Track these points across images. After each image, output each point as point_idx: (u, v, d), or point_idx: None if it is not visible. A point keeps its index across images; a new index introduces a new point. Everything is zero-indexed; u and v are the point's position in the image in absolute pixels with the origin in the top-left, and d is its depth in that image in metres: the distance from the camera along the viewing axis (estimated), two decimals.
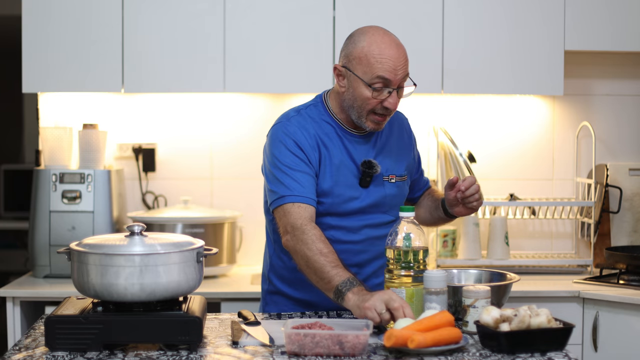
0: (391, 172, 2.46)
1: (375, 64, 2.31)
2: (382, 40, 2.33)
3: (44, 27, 3.37)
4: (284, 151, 2.36)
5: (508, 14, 3.46)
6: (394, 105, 2.35)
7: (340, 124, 2.43)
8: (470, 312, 2.11)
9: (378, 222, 2.45)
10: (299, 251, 2.27)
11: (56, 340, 1.96)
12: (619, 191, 3.59)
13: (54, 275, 3.31)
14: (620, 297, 3.04)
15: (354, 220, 2.43)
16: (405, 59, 2.35)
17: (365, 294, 2.12)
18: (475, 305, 2.11)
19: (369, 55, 2.31)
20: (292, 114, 2.44)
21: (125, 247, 2.00)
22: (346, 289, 2.15)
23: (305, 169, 2.36)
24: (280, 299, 2.54)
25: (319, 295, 2.34)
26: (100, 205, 3.33)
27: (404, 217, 2.18)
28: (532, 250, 3.78)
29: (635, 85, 3.81)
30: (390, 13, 3.43)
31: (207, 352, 1.98)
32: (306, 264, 2.25)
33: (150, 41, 3.39)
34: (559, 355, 1.95)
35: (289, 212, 2.31)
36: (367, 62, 2.31)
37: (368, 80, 2.31)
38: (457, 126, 3.72)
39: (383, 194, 2.44)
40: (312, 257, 2.23)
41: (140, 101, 3.69)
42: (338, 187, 2.40)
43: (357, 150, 2.43)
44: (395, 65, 2.31)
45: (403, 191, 2.52)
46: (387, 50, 2.31)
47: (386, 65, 2.30)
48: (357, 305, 2.11)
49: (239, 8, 3.40)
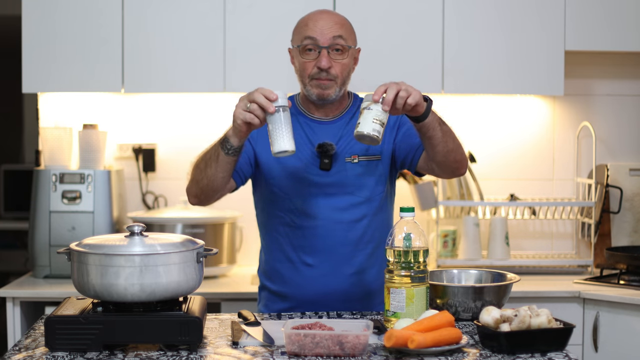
0: (354, 152, 2.46)
1: (303, 26, 2.46)
2: (314, 12, 2.49)
3: (44, 27, 3.37)
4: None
5: (508, 14, 3.46)
6: (325, 64, 2.41)
7: (304, 112, 2.52)
8: (364, 113, 2.14)
9: (343, 204, 2.46)
10: (192, 173, 2.41)
11: (56, 340, 1.96)
12: (619, 191, 3.59)
13: (54, 276, 3.31)
14: (620, 298, 3.04)
15: (315, 204, 2.45)
16: (335, 22, 2.45)
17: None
18: (370, 107, 2.13)
19: (300, 23, 2.49)
20: None
21: (125, 247, 1.99)
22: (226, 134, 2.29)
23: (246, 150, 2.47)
24: (265, 293, 2.58)
25: (291, 286, 2.46)
26: (100, 205, 3.33)
27: (404, 217, 2.18)
28: (532, 251, 3.77)
29: (635, 85, 3.81)
30: (390, 13, 3.43)
31: (207, 352, 1.98)
32: (197, 163, 2.39)
33: (150, 41, 3.39)
34: (559, 356, 1.95)
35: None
36: (297, 30, 2.49)
37: (299, 43, 2.45)
38: (457, 126, 3.69)
39: (345, 174, 2.46)
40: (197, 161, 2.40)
41: (140, 101, 3.69)
42: (293, 169, 2.45)
43: (317, 135, 2.47)
44: (322, 26, 2.43)
45: (372, 170, 2.48)
46: (314, 15, 2.47)
47: (311, 26, 2.44)
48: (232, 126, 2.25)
49: (239, 8, 3.40)
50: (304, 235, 2.45)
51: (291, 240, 2.47)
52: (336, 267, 2.46)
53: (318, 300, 2.46)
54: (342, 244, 2.46)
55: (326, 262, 2.45)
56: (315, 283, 2.46)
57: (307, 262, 2.46)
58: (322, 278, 2.46)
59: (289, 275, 2.49)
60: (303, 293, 2.46)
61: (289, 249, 2.48)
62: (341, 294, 2.46)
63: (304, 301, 2.47)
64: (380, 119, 2.14)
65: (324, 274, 2.46)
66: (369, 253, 2.49)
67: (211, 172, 2.34)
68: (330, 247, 2.45)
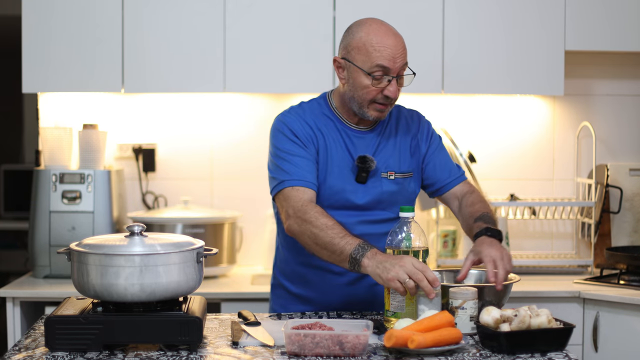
0: (390, 168, 2.44)
1: (374, 52, 2.32)
2: (380, 29, 2.35)
3: (44, 27, 3.37)
4: (281, 138, 2.39)
5: (508, 14, 3.46)
6: (394, 94, 2.35)
7: (341, 119, 2.44)
8: (458, 313, 2.11)
9: (376, 218, 2.44)
10: (304, 231, 2.26)
11: (56, 340, 1.96)
12: (619, 191, 3.59)
13: (54, 276, 3.31)
14: (620, 298, 3.04)
15: (349, 215, 2.41)
16: (403, 47, 2.36)
17: (381, 259, 2.11)
18: (464, 307, 2.10)
19: (368, 45, 2.33)
20: (293, 107, 2.48)
21: (125, 247, 1.99)
22: (360, 255, 2.15)
23: (303, 153, 2.37)
24: (282, 292, 2.55)
25: (316, 291, 2.40)
26: (100, 205, 3.33)
27: (405, 217, 2.18)
28: (532, 251, 3.77)
29: (635, 85, 3.81)
30: (390, 13, 3.42)
31: (207, 352, 1.98)
32: (314, 241, 2.24)
33: (150, 41, 3.39)
34: (559, 356, 1.95)
35: (288, 197, 2.31)
36: (366, 52, 2.33)
37: (367, 69, 2.33)
38: (457, 126, 3.72)
39: (380, 190, 2.43)
40: (319, 233, 2.22)
41: (140, 101, 3.69)
42: (332, 178, 2.40)
43: (355, 145, 2.42)
44: (394, 53, 2.33)
45: (406, 188, 2.47)
46: (386, 39, 2.33)
47: (385, 54, 2.32)
48: (377, 274, 2.10)
49: (239, 8, 3.40)
50: None
51: None
52: (362, 276, 2.41)
53: (342, 307, 2.44)
54: None
55: (354, 272, 2.33)
56: (341, 291, 2.44)
57: (334, 270, 2.41)
58: (348, 287, 2.44)
59: (315, 280, 2.45)
60: (329, 300, 2.44)
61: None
62: (364, 302, 2.46)
63: (328, 307, 2.45)
64: (475, 314, 2.10)
65: (350, 282, 2.44)
66: None
67: (322, 257, 2.26)
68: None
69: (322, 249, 2.23)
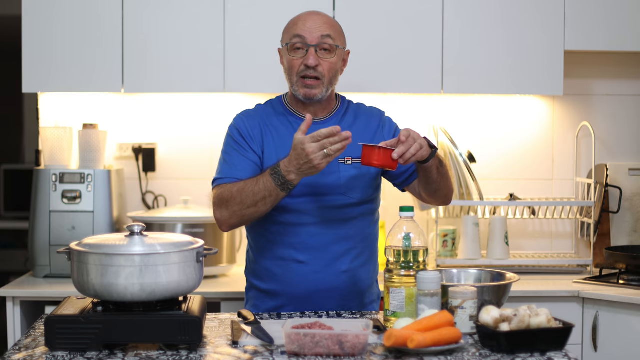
0: (347, 154, 2.48)
1: (292, 26, 2.51)
2: (304, 12, 2.54)
3: (44, 27, 3.38)
4: (226, 139, 2.55)
5: (508, 14, 3.46)
6: (312, 62, 2.43)
7: (294, 113, 2.53)
8: (458, 313, 2.11)
9: (336, 204, 2.47)
10: (230, 206, 2.36)
11: (56, 340, 1.96)
12: (618, 191, 3.59)
13: (54, 275, 3.31)
14: (620, 297, 3.04)
15: (310, 202, 2.46)
16: (324, 22, 2.48)
17: (295, 163, 2.25)
18: (464, 307, 2.11)
19: (289, 23, 2.54)
20: (248, 109, 2.61)
21: (125, 247, 2.00)
22: (281, 177, 2.28)
23: (244, 152, 2.48)
24: (254, 292, 2.58)
25: (283, 283, 2.47)
26: (100, 205, 3.33)
27: (404, 217, 2.18)
28: (532, 250, 3.78)
29: (635, 85, 3.82)
30: (390, 13, 3.43)
31: (207, 352, 1.98)
32: (245, 205, 2.34)
33: (150, 41, 3.39)
34: (558, 355, 1.96)
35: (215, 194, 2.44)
36: (287, 29, 2.53)
37: (287, 41, 2.49)
38: (457, 126, 3.72)
39: (338, 175, 2.47)
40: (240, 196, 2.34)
41: (140, 101, 3.70)
42: None
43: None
44: (311, 25, 2.47)
45: (365, 173, 2.50)
46: (304, 15, 2.52)
47: (300, 25, 2.48)
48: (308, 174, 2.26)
49: (239, 8, 3.40)
50: (295, 233, 2.45)
51: (282, 239, 2.48)
52: (328, 264, 2.46)
53: (309, 297, 2.46)
54: (334, 242, 2.47)
55: (318, 260, 2.45)
56: (306, 280, 2.46)
57: (298, 259, 2.46)
58: (313, 275, 2.46)
59: (280, 272, 2.49)
60: (294, 290, 2.47)
61: (281, 247, 2.48)
62: (332, 291, 2.47)
63: (294, 298, 2.47)
64: (475, 314, 2.11)
65: (315, 271, 2.46)
66: (359, 252, 2.50)
67: (264, 208, 2.35)
68: (322, 245, 2.46)
69: (254, 203, 2.33)
